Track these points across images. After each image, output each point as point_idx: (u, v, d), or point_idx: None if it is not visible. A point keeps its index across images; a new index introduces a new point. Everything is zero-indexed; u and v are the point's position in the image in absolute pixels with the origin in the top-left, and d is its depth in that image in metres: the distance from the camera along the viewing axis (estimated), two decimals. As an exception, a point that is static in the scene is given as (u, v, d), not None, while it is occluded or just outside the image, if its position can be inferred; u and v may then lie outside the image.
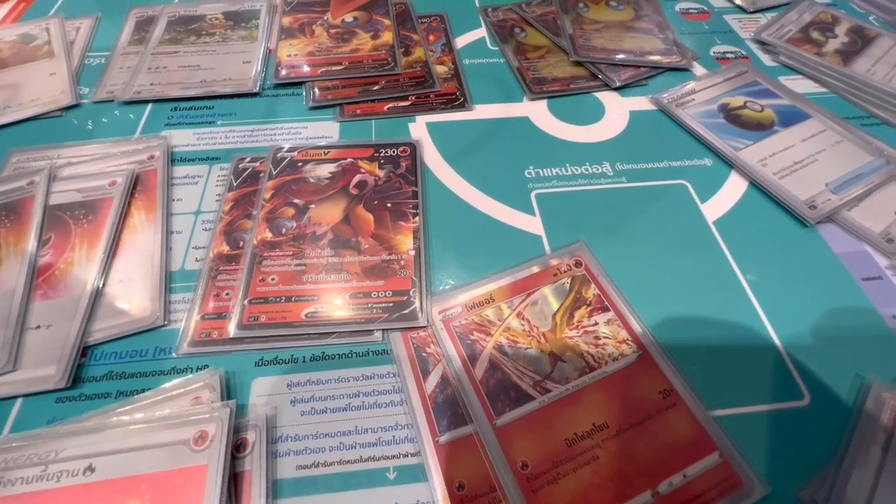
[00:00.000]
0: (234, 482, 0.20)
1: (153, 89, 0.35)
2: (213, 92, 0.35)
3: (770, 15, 0.44)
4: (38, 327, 0.24)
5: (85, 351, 0.23)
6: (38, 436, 0.20)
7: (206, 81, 0.36)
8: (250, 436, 0.21)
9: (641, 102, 0.36)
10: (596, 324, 0.25)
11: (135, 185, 0.30)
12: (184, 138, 0.33)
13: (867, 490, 0.20)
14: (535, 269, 0.26)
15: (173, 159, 0.31)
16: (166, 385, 0.22)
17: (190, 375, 0.23)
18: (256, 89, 0.36)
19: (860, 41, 0.41)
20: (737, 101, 0.36)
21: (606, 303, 0.25)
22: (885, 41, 0.41)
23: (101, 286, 0.25)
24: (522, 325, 0.24)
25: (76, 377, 0.22)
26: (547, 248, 0.28)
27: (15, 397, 0.22)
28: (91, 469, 0.19)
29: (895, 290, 0.26)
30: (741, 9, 0.45)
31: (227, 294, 0.25)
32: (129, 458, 0.19)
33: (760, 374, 0.23)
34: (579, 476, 0.20)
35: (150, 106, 0.35)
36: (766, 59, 0.40)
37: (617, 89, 0.37)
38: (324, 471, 0.20)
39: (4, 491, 0.18)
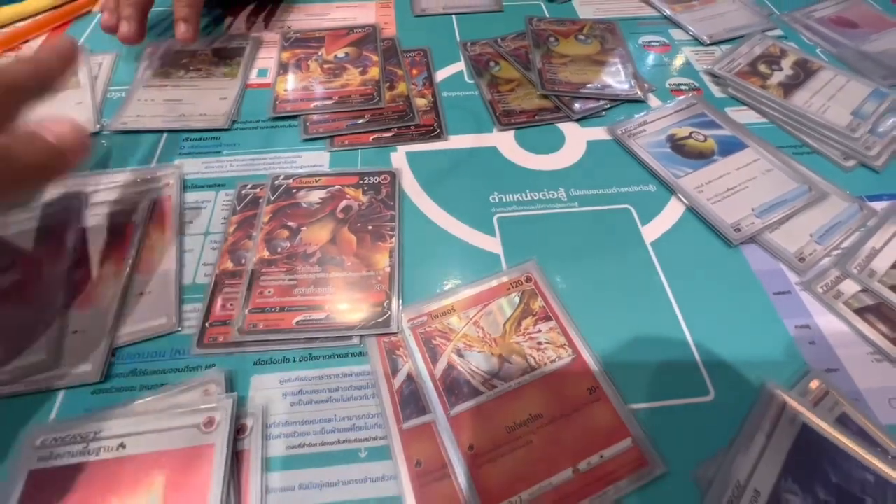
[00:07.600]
0: (235, 458, 0.24)
1: (141, 121, 0.40)
2: (188, 126, 0.40)
3: (725, 47, 0.49)
4: (76, 332, 0.29)
5: (114, 352, 0.28)
6: (79, 420, 0.25)
7: (185, 115, 0.41)
8: (249, 422, 0.26)
9: (598, 133, 0.41)
10: (539, 331, 0.29)
11: (153, 209, 0.34)
12: (194, 167, 0.38)
13: (748, 470, 0.24)
14: (492, 284, 0.31)
15: (185, 186, 0.36)
16: (181, 381, 0.27)
17: (200, 373, 0.27)
18: (227, 126, 0.40)
19: (803, 74, 0.45)
20: (683, 131, 0.40)
21: (550, 313, 0.30)
22: (826, 74, 0.45)
23: (126, 298, 0.30)
24: (477, 331, 0.29)
25: (108, 374, 0.27)
26: (504, 265, 0.32)
27: (59, 389, 0.27)
28: (123, 446, 0.24)
29: (800, 304, 0.31)
30: (699, 42, 0.50)
31: (231, 305, 0.30)
32: (153, 437, 0.24)
33: (675, 374, 0.28)
34: (515, 456, 0.25)
35: (164, 136, 0.40)
36: (717, 91, 0.45)
37: (577, 120, 0.41)
38: (308, 450, 0.25)
39: (55, 462, 0.24)
